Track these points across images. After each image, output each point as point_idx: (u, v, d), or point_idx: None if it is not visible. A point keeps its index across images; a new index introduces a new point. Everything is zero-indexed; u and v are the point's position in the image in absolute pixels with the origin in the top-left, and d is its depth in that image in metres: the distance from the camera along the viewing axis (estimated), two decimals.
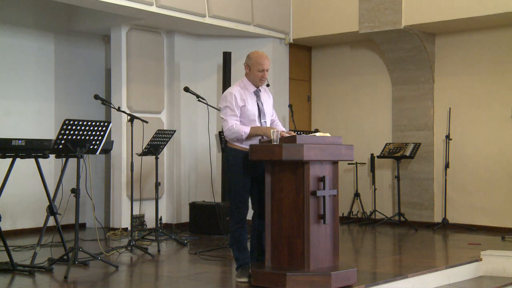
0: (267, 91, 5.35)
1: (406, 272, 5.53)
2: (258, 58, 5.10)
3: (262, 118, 5.17)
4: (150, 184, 8.11)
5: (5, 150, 5.54)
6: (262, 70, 5.08)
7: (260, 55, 5.13)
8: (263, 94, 5.25)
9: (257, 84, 5.15)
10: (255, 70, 5.09)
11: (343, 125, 9.87)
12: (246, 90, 5.15)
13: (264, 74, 5.10)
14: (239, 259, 5.24)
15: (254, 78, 5.12)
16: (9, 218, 7.87)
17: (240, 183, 5.13)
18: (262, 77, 5.11)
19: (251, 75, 5.13)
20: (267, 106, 5.26)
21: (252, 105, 5.12)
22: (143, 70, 8.66)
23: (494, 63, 8.67)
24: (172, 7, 7.94)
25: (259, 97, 5.20)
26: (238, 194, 5.15)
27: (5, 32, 8.25)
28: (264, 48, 9.51)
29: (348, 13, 9.13)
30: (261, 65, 5.07)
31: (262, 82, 5.15)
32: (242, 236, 5.19)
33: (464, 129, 8.84)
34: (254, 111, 5.12)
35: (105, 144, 6.07)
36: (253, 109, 5.12)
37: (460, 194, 8.85)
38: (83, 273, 5.56)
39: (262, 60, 5.08)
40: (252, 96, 5.15)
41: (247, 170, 5.11)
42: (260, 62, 5.08)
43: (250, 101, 5.12)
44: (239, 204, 5.16)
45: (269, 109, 5.30)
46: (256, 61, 5.09)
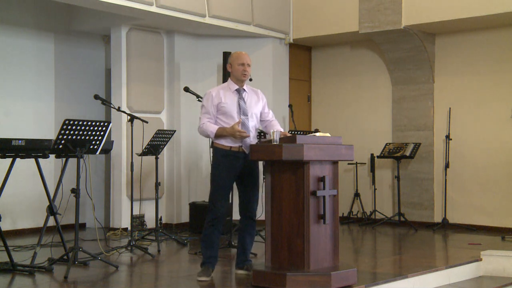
0: (256, 92, 5.42)
1: (406, 272, 5.53)
2: (238, 54, 5.29)
3: (242, 115, 5.19)
4: (150, 184, 8.11)
5: (5, 150, 5.54)
6: (242, 63, 5.21)
7: (240, 52, 5.32)
8: (249, 94, 5.33)
9: (240, 78, 5.24)
10: (236, 65, 5.23)
11: (343, 125, 9.87)
12: (228, 89, 5.26)
13: (245, 67, 5.22)
14: (204, 255, 5.31)
15: (236, 73, 5.23)
16: (9, 218, 7.87)
17: (220, 181, 5.19)
18: (244, 71, 5.22)
19: (233, 71, 5.25)
20: (253, 105, 5.31)
21: (231, 102, 5.20)
22: (143, 70, 8.66)
23: (494, 63, 8.67)
24: (172, 7, 7.94)
25: (241, 95, 5.27)
26: (216, 192, 5.21)
27: (5, 32, 8.25)
28: (264, 48, 9.53)
29: (348, 13, 9.13)
30: (241, 59, 5.23)
31: (245, 76, 5.24)
32: (212, 234, 5.25)
33: (464, 129, 8.84)
34: (232, 108, 5.18)
35: (105, 144, 6.06)
36: (231, 106, 5.19)
37: (460, 194, 8.85)
38: (83, 273, 5.56)
39: (242, 56, 5.26)
40: (232, 94, 5.24)
41: (229, 169, 5.17)
42: (240, 57, 5.24)
43: (228, 98, 5.21)
44: (216, 203, 5.21)
45: (255, 108, 5.32)
46: (236, 57, 5.27)
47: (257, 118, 5.36)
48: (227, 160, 5.16)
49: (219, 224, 5.26)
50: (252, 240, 5.46)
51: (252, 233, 5.43)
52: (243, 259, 5.41)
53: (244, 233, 5.38)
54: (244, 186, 5.30)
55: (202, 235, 5.33)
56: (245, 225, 5.37)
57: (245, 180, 5.28)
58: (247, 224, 5.36)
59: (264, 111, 5.43)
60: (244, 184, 5.29)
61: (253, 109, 5.31)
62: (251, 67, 5.35)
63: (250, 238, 5.42)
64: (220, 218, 5.24)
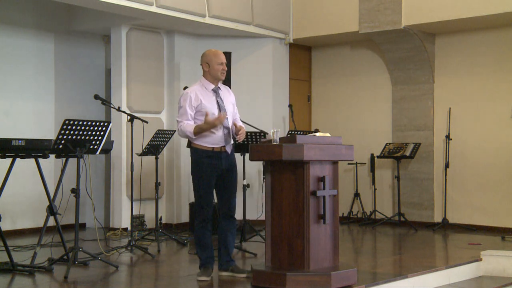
0: (227, 89, 5.38)
1: (406, 272, 5.53)
2: (215, 52, 5.21)
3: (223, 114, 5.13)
4: (150, 184, 8.11)
5: (5, 150, 5.54)
6: (222, 63, 5.17)
7: (216, 50, 5.25)
8: (223, 92, 5.29)
9: (218, 77, 5.19)
10: (215, 64, 5.16)
11: (343, 125, 9.86)
12: (205, 89, 5.21)
13: (223, 66, 5.18)
14: (201, 258, 5.28)
15: (215, 72, 5.17)
16: (9, 218, 7.87)
17: (204, 182, 5.16)
18: (223, 70, 5.18)
19: (212, 70, 5.17)
20: (228, 103, 5.27)
21: (210, 102, 5.16)
22: (143, 70, 8.66)
23: (494, 63, 8.67)
24: (172, 7, 7.94)
25: (218, 94, 5.22)
26: (202, 194, 5.18)
27: (5, 32, 8.25)
28: (264, 48, 9.53)
29: (348, 13, 9.13)
30: (220, 58, 5.18)
31: (223, 76, 5.21)
32: (205, 235, 5.23)
33: (464, 129, 8.84)
34: (212, 108, 5.13)
35: (105, 144, 6.06)
36: (211, 106, 5.15)
37: (460, 194, 8.85)
38: (83, 273, 5.56)
39: (220, 55, 5.20)
40: (210, 94, 5.19)
41: (211, 169, 5.14)
42: (219, 56, 5.19)
43: (207, 98, 5.16)
44: (203, 204, 5.18)
45: (230, 106, 5.30)
46: (213, 55, 5.19)
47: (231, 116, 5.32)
48: (210, 161, 5.13)
49: (209, 225, 5.24)
50: (234, 238, 5.37)
51: (234, 232, 5.35)
52: (227, 260, 5.32)
53: (225, 232, 5.29)
54: (224, 185, 5.24)
55: (195, 237, 5.32)
56: (225, 224, 5.29)
57: (224, 179, 5.22)
58: (228, 223, 5.29)
59: (235, 111, 5.40)
60: (224, 183, 5.23)
61: (229, 108, 5.28)
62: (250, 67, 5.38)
63: (232, 237, 5.34)
64: (209, 219, 5.23)
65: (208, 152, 5.13)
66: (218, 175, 5.18)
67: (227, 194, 5.26)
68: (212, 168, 5.14)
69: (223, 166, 5.17)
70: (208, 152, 5.13)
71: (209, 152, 5.13)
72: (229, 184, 5.26)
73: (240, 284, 5.11)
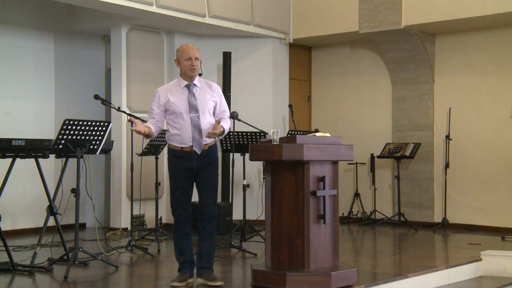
0: (210, 85, 5.10)
1: (406, 272, 5.53)
2: (184, 48, 5.00)
3: (192, 113, 4.89)
4: (150, 184, 8.10)
5: (5, 150, 5.54)
6: (189, 58, 4.92)
7: (186, 45, 5.04)
8: (201, 89, 5.01)
9: (188, 74, 4.95)
10: (183, 60, 4.95)
11: (343, 125, 9.86)
12: (177, 87, 5.00)
13: (192, 62, 4.92)
14: (179, 262, 5.06)
15: (184, 69, 4.95)
16: (9, 218, 7.87)
17: (176, 184, 4.94)
18: (192, 66, 4.93)
19: (182, 67, 4.98)
20: (206, 101, 4.98)
21: (179, 100, 4.92)
22: (143, 70, 8.66)
23: (494, 63, 8.67)
24: (172, 7, 7.94)
25: (190, 91, 4.96)
26: (174, 196, 4.96)
27: (5, 32, 8.25)
28: (264, 48, 9.53)
29: (348, 13, 9.13)
30: (187, 53, 4.94)
31: (193, 72, 4.95)
32: (180, 239, 4.98)
33: (464, 129, 8.84)
34: (180, 106, 4.90)
35: (105, 144, 6.07)
36: (179, 104, 4.90)
37: (460, 194, 8.85)
38: (83, 273, 5.56)
39: (188, 49, 4.97)
40: (181, 91, 4.96)
41: (183, 170, 4.91)
42: (186, 51, 4.95)
43: (177, 96, 4.94)
44: (175, 206, 4.96)
45: (209, 104, 4.98)
46: (182, 52, 4.98)
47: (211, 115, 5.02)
48: (180, 161, 4.91)
49: (184, 228, 4.96)
50: (210, 244, 5.01)
51: (210, 238, 5.00)
52: (200, 265, 5.02)
53: (201, 237, 5.00)
54: (200, 188, 4.98)
55: (173, 241, 5.09)
56: (202, 229, 4.99)
57: (200, 180, 4.96)
58: (204, 228, 4.98)
59: (221, 109, 5.08)
60: (199, 185, 4.98)
61: (206, 105, 4.97)
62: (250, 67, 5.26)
63: (209, 242, 5.00)
64: (183, 222, 4.95)
65: (177, 152, 4.92)
66: (191, 176, 4.93)
67: (202, 196, 4.97)
68: (182, 168, 4.90)
69: (194, 167, 4.91)
70: (177, 152, 4.92)
71: (178, 152, 4.92)
72: (203, 186, 4.96)
73: (241, 284, 5.12)
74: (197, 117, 4.90)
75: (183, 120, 4.89)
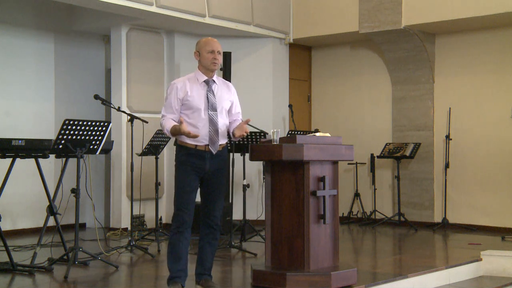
0: (227, 84, 4.85)
1: (406, 272, 5.53)
2: (206, 41, 4.74)
3: (210, 110, 4.61)
4: (150, 184, 8.11)
5: (5, 150, 5.54)
6: (212, 51, 4.65)
7: (208, 38, 4.78)
8: (219, 86, 4.75)
9: (210, 67, 4.66)
10: (205, 53, 4.66)
11: (343, 125, 9.86)
12: (195, 81, 4.68)
13: (215, 55, 4.65)
14: (171, 270, 4.62)
15: (206, 62, 4.66)
16: (9, 218, 7.87)
17: (184, 183, 4.60)
18: (214, 59, 4.65)
19: (202, 60, 4.68)
20: (223, 99, 4.72)
21: (198, 95, 4.62)
22: (143, 70, 8.66)
23: (494, 63, 8.67)
24: (172, 7, 7.94)
25: (210, 87, 4.68)
26: (181, 196, 4.60)
27: (5, 32, 8.25)
28: (264, 48, 9.53)
29: (348, 13, 9.13)
30: (210, 46, 4.67)
31: (215, 65, 4.67)
32: (179, 243, 4.59)
33: (464, 129, 8.84)
34: (198, 102, 4.61)
35: (105, 144, 6.06)
36: (198, 100, 4.61)
37: (460, 194, 8.85)
38: (83, 273, 5.56)
39: (211, 42, 4.72)
40: (200, 86, 4.66)
41: (194, 169, 4.60)
42: (209, 43, 4.70)
43: (196, 91, 4.64)
44: (180, 207, 4.58)
45: (226, 103, 4.74)
46: (204, 43, 4.71)
47: (227, 115, 4.77)
48: (192, 160, 4.59)
49: (186, 232, 4.59)
50: (213, 251, 4.76)
51: (214, 244, 4.74)
52: (200, 272, 4.75)
53: (203, 243, 4.73)
54: (207, 191, 4.69)
55: (168, 244, 4.66)
56: (205, 234, 4.71)
57: (209, 183, 4.67)
58: (207, 233, 4.71)
59: (236, 111, 4.85)
60: (208, 188, 4.68)
61: (223, 104, 4.71)
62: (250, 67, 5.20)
63: (211, 249, 4.73)
64: (187, 224, 4.58)
65: (191, 150, 4.59)
66: (201, 177, 4.64)
67: (209, 200, 4.68)
68: (193, 168, 4.59)
69: (206, 168, 4.61)
70: (190, 150, 4.60)
71: (191, 150, 4.59)
72: (212, 190, 4.67)
73: (241, 283, 5.11)
74: (215, 115, 4.62)
75: (199, 117, 4.60)
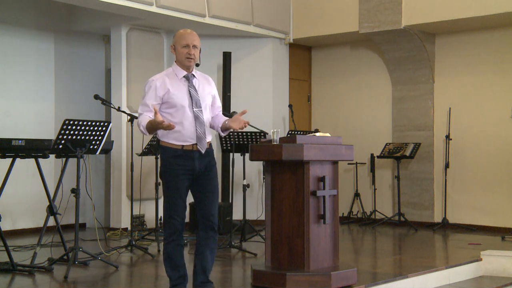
0: (206, 78, 4.57)
1: (406, 272, 5.53)
2: (181, 34, 4.41)
3: (195, 107, 4.34)
4: (150, 184, 8.11)
5: (5, 150, 5.54)
6: (186, 45, 4.34)
7: (184, 31, 4.44)
8: (199, 81, 4.47)
9: (184, 63, 4.36)
10: (179, 47, 4.36)
11: (343, 125, 9.86)
12: (175, 76, 4.39)
13: (189, 50, 4.34)
14: (171, 278, 4.42)
15: (180, 57, 4.37)
16: (9, 218, 7.87)
17: (172, 187, 4.32)
18: (188, 54, 4.34)
19: (177, 55, 4.39)
20: (205, 95, 4.45)
21: (180, 92, 4.33)
22: (143, 70, 8.65)
23: (494, 63, 8.67)
24: (172, 7, 7.94)
25: (190, 82, 4.40)
26: (169, 201, 4.33)
27: (5, 32, 8.25)
28: (264, 48, 9.53)
29: (348, 13, 9.13)
30: (184, 39, 4.36)
31: (189, 61, 4.37)
32: (175, 251, 4.36)
33: (464, 129, 8.84)
34: (182, 99, 4.32)
35: (105, 144, 6.07)
36: (181, 97, 4.32)
37: (460, 194, 8.85)
38: (83, 273, 5.56)
39: (185, 35, 4.38)
40: (180, 82, 4.38)
41: (180, 171, 4.31)
42: (183, 36, 4.37)
43: (176, 87, 4.34)
44: (171, 213, 4.32)
45: (208, 98, 4.48)
46: (179, 37, 4.39)
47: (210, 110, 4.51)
48: (179, 162, 4.30)
49: (179, 239, 4.36)
50: (213, 256, 4.49)
51: (214, 248, 4.47)
52: (202, 280, 4.44)
53: (203, 248, 4.42)
54: (201, 192, 4.41)
55: (164, 254, 4.41)
56: (204, 238, 4.43)
57: (201, 184, 4.39)
58: (206, 237, 4.42)
59: (217, 105, 4.59)
60: (201, 189, 4.41)
61: (206, 99, 4.44)
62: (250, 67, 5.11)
63: (211, 254, 4.45)
64: (179, 232, 4.35)
65: (177, 151, 4.31)
66: (191, 178, 4.35)
67: (204, 201, 4.40)
68: (182, 170, 4.30)
69: (196, 168, 4.33)
70: (176, 151, 4.31)
71: (178, 151, 4.30)
72: (206, 190, 4.40)
73: (241, 283, 5.11)
74: (200, 111, 4.35)
75: (184, 115, 4.31)
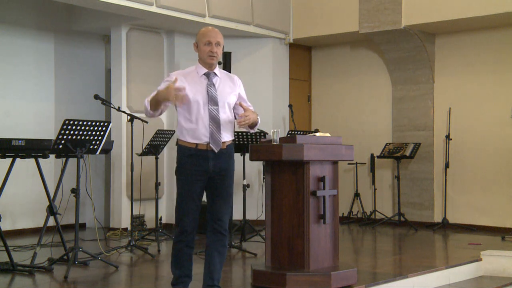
0: (231, 77, 4.50)
1: (406, 272, 5.53)
2: (204, 31, 4.36)
3: (210, 105, 4.24)
4: (150, 184, 8.11)
5: (5, 150, 5.55)
6: (209, 42, 4.28)
7: (206, 28, 4.40)
8: (220, 79, 4.38)
9: (206, 61, 4.31)
10: (202, 45, 4.31)
11: (343, 125, 9.86)
12: (195, 74, 4.35)
13: (211, 47, 4.28)
14: (175, 275, 4.38)
15: (203, 55, 4.32)
16: (9, 218, 7.86)
17: (184, 187, 4.30)
18: (211, 52, 4.28)
19: (199, 53, 4.35)
20: (226, 93, 4.34)
21: (197, 88, 4.27)
22: (143, 70, 8.66)
23: (494, 63, 8.67)
24: (172, 7, 7.94)
25: (210, 80, 4.32)
26: (183, 203, 4.31)
27: (5, 32, 8.25)
28: (264, 48, 9.53)
29: (348, 13, 9.13)
30: (207, 37, 4.29)
31: (211, 59, 4.30)
32: (182, 252, 4.33)
33: (464, 129, 8.84)
34: (197, 96, 4.24)
35: (105, 144, 6.06)
36: (197, 93, 4.25)
37: (460, 194, 8.85)
38: (83, 273, 5.56)
39: (208, 33, 4.32)
40: (199, 79, 4.32)
41: (193, 171, 4.25)
42: (206, 34, 4.31)
43: (194, 84, 4.29)
44: (182, 213, 4.32)
45: (229, 97, 4.36)
46: (201, 35, 4.34)
47: (231, 109, 4.39)
48: (194, 162, 4.24)
49: (189, 240, 4.32)
50: (222, 259, 4.38)
51: (222, 251, 4.36)
52: (209, 284, 4.34)
53: (211, 250, 4.35)
54: (213, 194, 4.34)
55: (172, 248, 4.41)
56: (213, 241, 4.35)
57: (214, 186, 4.31)
58: (215, 240, 4.34)
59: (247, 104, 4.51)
60: (213, 191, 4.33)
61: (226, 98, 4.33)
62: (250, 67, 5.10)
63: (220, 258, 4.36)
64: (190, 233, 4.31)
65: (191, 150, 4.25)
66: (205, 179, 4.27)
67: (216, 204, 4.33)
68: (195, 170, 4.23)
69: (210, 169, 4.24)
70: (190, 150, 4.25)
71: (192, 150, 4.24)
72: (218, 192, 4.32)
73: (241, 283, 5.11)
74: (216, 109, 4.25)
75: (199, 113, 4.24)
